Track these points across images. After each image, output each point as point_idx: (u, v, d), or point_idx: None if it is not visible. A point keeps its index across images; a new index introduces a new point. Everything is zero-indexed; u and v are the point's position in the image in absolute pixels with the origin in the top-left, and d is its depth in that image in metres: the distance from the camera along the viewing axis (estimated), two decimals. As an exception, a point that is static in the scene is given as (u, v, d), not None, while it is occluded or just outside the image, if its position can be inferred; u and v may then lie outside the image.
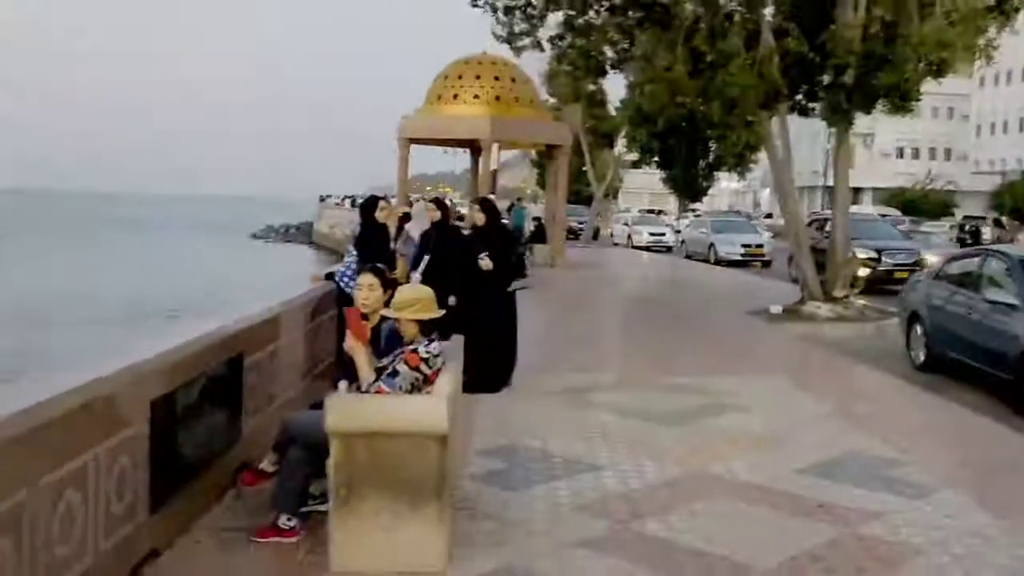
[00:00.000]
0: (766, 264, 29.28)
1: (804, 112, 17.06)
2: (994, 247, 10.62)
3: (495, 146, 20.64)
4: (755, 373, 10.22)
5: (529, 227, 27.81)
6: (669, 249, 37.28)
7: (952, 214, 62.19)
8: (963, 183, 72.94)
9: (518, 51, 16.09)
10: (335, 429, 4.32)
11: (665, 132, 54.15)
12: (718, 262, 29.15)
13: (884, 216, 42.24)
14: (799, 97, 16.38)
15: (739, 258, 29.24)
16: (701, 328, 14.02)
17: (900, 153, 79.55)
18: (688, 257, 32.16)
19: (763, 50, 13.56)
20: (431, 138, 24.70)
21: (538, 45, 15.95)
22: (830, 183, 49.92)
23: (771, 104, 14.08)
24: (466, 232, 9.77)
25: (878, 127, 54.12)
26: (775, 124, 15.67)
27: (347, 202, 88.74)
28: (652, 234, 39.46)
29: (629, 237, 40.01)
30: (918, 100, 13.75)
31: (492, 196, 15.63)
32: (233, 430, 5.67)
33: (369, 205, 8.78)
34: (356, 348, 4.77)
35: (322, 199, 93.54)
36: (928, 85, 15.30)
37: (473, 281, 8.61)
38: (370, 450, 4.32)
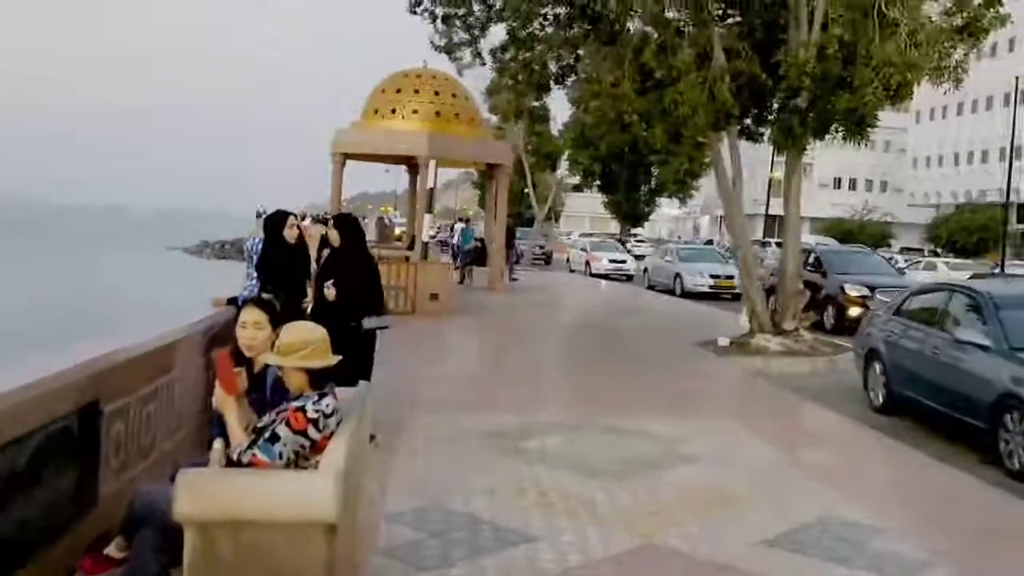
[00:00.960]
0: (736, 297, 27.58)
1: (752, 137, 16.43)
2: (961, 283, 9.92)
3: (432, 163, 19.68)
4: (706, 415, 9.39)
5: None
6: (630, 278, 34.62)
7: (889, 245, 62.91)
8: (899, 215, 74.03)
9: (458, 64, 15.19)
10: (188, 516, 3.29)
11: (607, 156, 54.37)
12: (685, 294, 26.35)
13: (819, 244, 42.31)
14: (748, 122, 15.75)
15: (708, 290, 26.32)
16: (646, 361, 13.13)
17: (837, 184, 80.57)
18: (651, 287, 29.19)
19: (715, 69, 12.84)
20: (368, 154, 23.62)
21: (478, 56, 15.08)
22: (772, 212, 50.25)
23: (721, 125, 13.36)
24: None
25: (817, 158, 54.31)
26: (725, 148, 14.98)
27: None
28: (612, 261, 36.42)
29: (587, 264, 36.82)
30: (874, 126, 13.14)
31: (350, 213, 14.57)
32: (84, 497, 4.58)
33: (275, 221, 7.72)
34: (225, 404, 3.77)
35: (259, 214, 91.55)
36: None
37: (318, 312, 7.19)
38: (236, 543, 3.31)
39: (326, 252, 13.05)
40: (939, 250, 51.26)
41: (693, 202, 71.53)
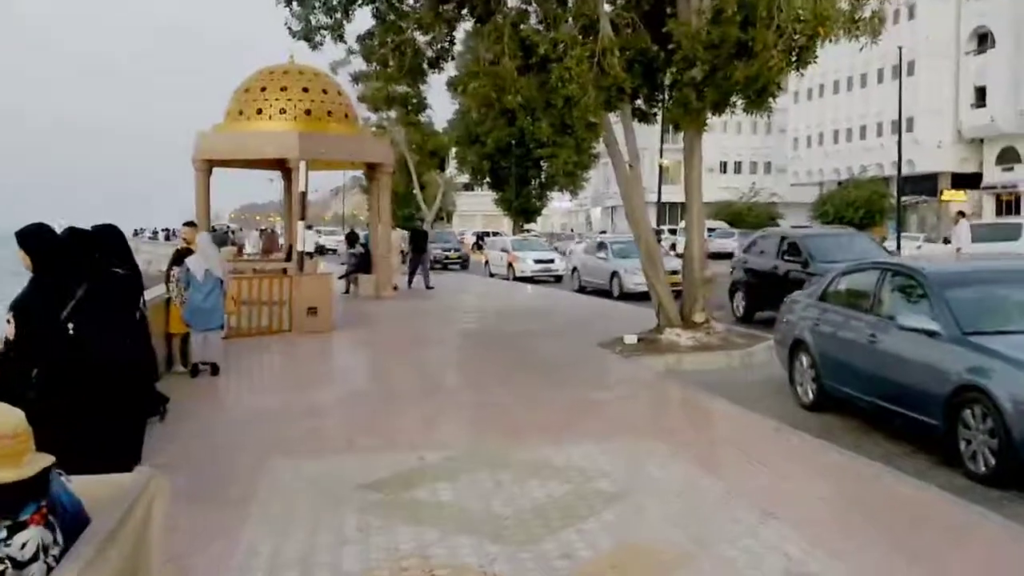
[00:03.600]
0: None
1: (645, 118, 15.28)
2: (893, 260, 8.87)
3: (303, 165, 17.97)
4: (622, 433, 8.06)
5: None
6: (559, 279, 30.74)
7: (777, 224, 63.59)
8: (784, 195, 75.12)
9: (316, 47, 13.53)
10: None
11: (495, 152, 53.26)
12: (624, 295, 22.30)
13: (713, 230, 42.03)
14: (639, 102, 14.59)
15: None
16: (549, 370, 11.76)
17: (723, 168, 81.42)
18: (581, 289, 25.38)
19: (602, 41, 11.58)
20: (234, 159, 21.68)
21: (340, 39, 13.46)
22: (664, 199, 49.86)
23: (614, 104, 12.13)
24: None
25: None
26: (618, 131, 13.78)
27: (162, 235, 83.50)
28: (538, 261, 32.21)
29: (510, 266, 32.44)
30: (776, 96, 12.14)
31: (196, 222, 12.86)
32: None
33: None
34: None
35: (136, 233, 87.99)
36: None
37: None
38: None
39: (186, 263, 11.35)
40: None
41: (584, 194, 71.05)
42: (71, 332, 4.58)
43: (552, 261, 32.18)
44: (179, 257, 11.64)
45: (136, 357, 5.13)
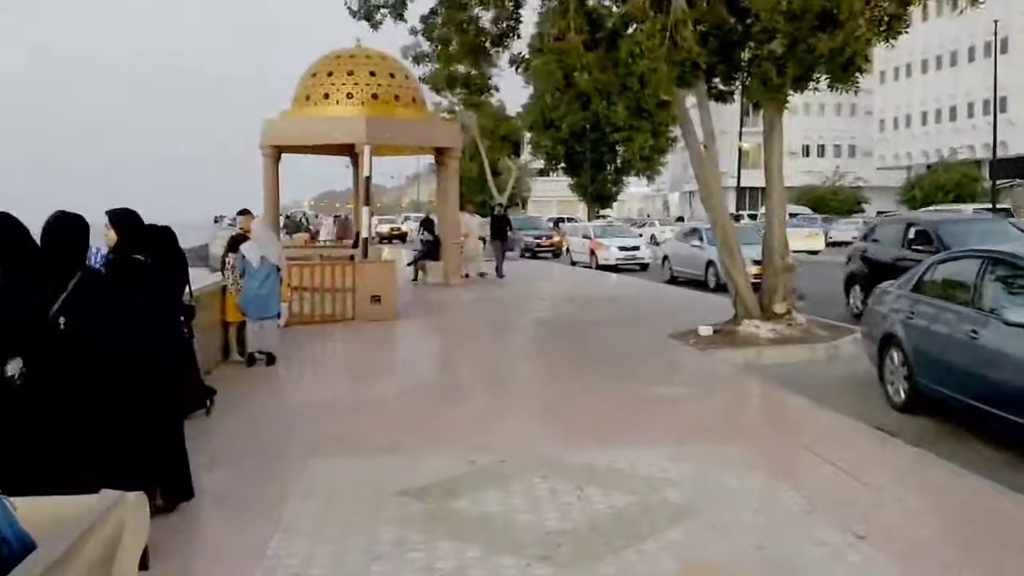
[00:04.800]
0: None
1: (722, 97, 14.43)
2: (997, 248, 7.99)
3: (367, 149, 17.59)
4: (693, 435, 7.40)
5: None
6: (644, 267, 28.90)
7: (862, 210, 61.53)
8: (870, 179, 72.68)
9: (376, 27, 13.05)
10: None
11: (570, 137, 52.45)
12: (720, 287, 18.62)
13: (794, 216, 40.59)
14: (716, 80, 13.78)
15: (753, 280, 15.76)
16: (617, 362, 11.13)
17: (805, 151, 79.24)
18: (673, 280, 23.63)
19: (675, 13, 10.84)
20: (303, 145, 21.44)
21: (400, 17, 12.95)
22: (743, 183, 48.51)
23: (688, 80, 11.38)
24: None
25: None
26: (693, 111, 13.03)
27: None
28: (623, 248, 30.14)
29: (592, 253, 30.63)
30: (864, 70, 11.25)
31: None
32: None
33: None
34: None
35: (216, 219, 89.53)
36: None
37: None
38: None
39: (241, 249, 11.04)
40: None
41: (661, 179, 69.75)
42: (62, 327, 4.13)
43: (637, 248, 30.43)
44: (234, 244, 11.31)
45: (144, 351, 4.67)
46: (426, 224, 24.16)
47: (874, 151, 75.20)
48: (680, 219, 62.74)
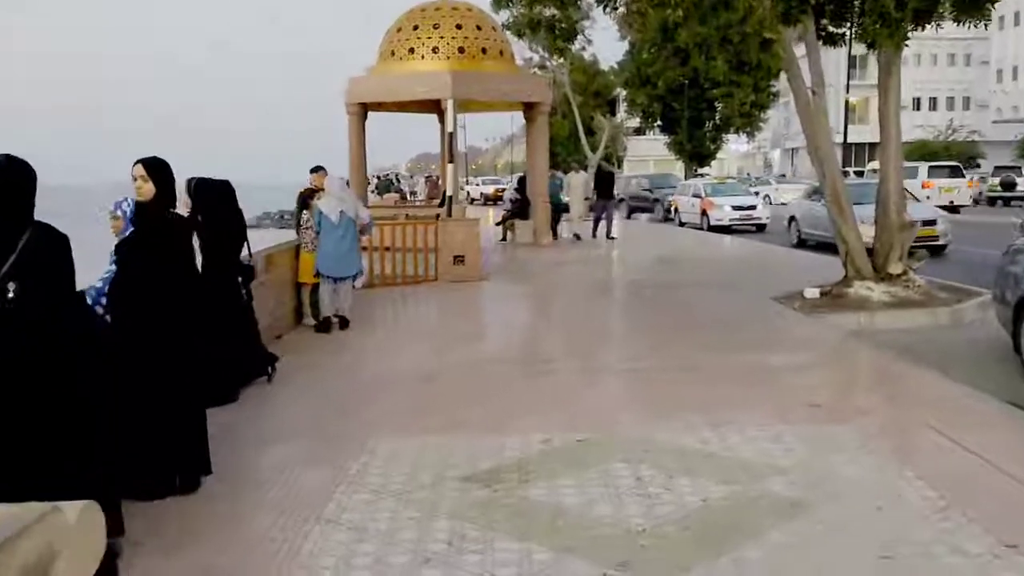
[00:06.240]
0: (940, 249, 18.06)
1: (832, 40, 13.20)
2: None
3: (450, 104, 16.88)
4: (800, 412, 6.51)
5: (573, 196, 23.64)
6: (762, 228, 26.91)
7: (978, 165, 58.22)
8: (986, 133, 68.70)
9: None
10: None
11: (667, 94, 50.77)
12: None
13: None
14: (824, 21, 12.57)
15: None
16: (713, 329, 10.24)
17: (916, 104, 75.25)
18: (801, 243, 21.03)
19: (782, -59, 9.74)
20: (387, 101, 20.84)
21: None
22: (850, 140, 46.16)
23: (794, 16, 10.26)
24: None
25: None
26: (798, 52, 11.88)
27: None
28: (737, 208, 27.78)
29: (704, 213, 28.18)
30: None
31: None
32: None
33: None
34: None
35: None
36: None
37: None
38: None
39: (314, 203, 10.49)
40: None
41: (762, 136, 67.23)
42: (11, 295, 3.48)
43: (754, 208, 28.08)
44: (304, 201, 10.77)
45: (146, 325, 4.04)
46: (521, 183, 23.37)
47: (990, 103, 71.04)
48: (782, 176, 60.51)
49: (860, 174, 43.31)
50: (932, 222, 17.96)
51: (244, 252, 7.68)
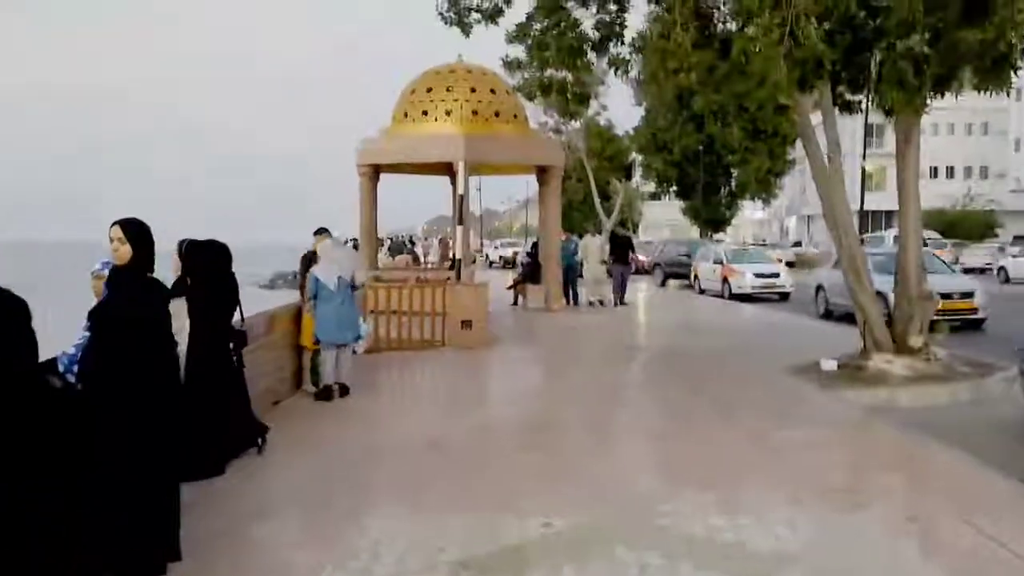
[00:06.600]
0: (973, 324, 17.15)
1: (848, 107, 13.03)
2: None
3: (462, 166, 16.76)
4: (816, 494, 6.11)
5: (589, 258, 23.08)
6: (785, 296, 26.03)
7: (996, 235, 57.85)
8: (1004, 202, 68.44)
9: (468, 33, 12.13)
10: None
11: (682, 159, 50.81)
12: (890, 322, 13.87)
13: (926, 242, 37.86)
14: (840, 88, 12.40)
15: (937, 315, 13.27)
16: (726, 400, 9.87)
17: (934, 173, 75.14)
18: (827, 314, 19.58)
19: (797, 5, 9.58)
20: (401, 164, 20.76)
21: (493, 20, 11.96)
22: (867, 207, 45.95)
23: (810, 81, 10.05)
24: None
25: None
26: (815, 119, 11.69)
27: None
28: (759, 275, 26.58)
29: (725, 280, 27.03)
30: (1018, 67, 9.74)
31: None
32: None
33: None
34: None
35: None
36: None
37: None
38: None
39: (312, 271, 10.25)
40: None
41: (777, 203, 67.17)
42: None
43: (777, 275, 26.92)
44: (307, 263, 10.53)
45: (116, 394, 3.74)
46: (534, 247, 23.08)
47: (1008, 172, 70.89)
48: (798, 244, 60.25)
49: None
50: (970, 294, 17.14)
51: (236, 317, 7.40)
